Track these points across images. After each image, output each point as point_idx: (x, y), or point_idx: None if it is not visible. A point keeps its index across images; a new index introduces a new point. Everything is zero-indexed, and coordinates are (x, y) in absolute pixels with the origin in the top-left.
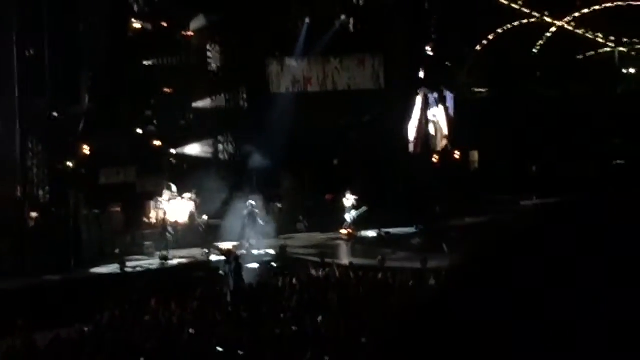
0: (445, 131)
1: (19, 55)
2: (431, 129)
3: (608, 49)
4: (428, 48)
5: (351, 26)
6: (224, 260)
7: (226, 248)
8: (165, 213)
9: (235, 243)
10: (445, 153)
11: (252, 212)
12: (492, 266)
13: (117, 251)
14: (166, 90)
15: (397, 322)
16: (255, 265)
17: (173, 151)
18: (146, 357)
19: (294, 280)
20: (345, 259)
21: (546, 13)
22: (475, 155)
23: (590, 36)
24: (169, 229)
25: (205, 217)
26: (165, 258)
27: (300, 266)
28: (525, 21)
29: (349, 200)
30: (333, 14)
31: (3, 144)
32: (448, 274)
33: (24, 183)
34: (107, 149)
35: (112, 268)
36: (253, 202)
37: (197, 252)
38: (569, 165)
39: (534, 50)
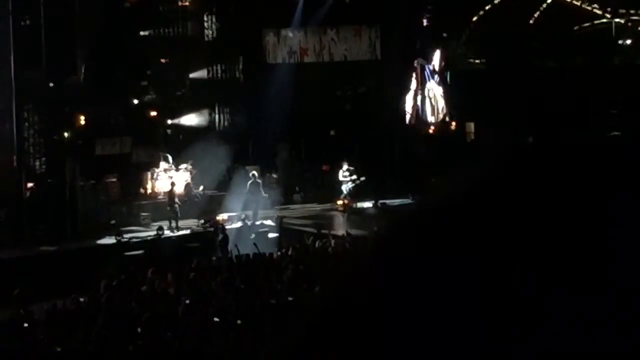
0: (442, 103)
1: (14, 25)
2: (427, 101)
3: (605, 20)
4: (424, 19)
5: None
6: (212, 231)
7: (214, 219)
8: (173, 184)
9: (230, 214)
10: (442, 124)
11: (254, 183)
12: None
13: (113, 222)
14: (162, 60)
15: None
16: (252, 236)
17: (169, 122)
18: (143, 328)
19: (290, 251)
20: (341, 230)
21: None
22: (471, 126)
23: (587, 7)
24: (177, 200)
25: (201, 187)
26: (162, 229)
27: (296, 237)
28: None
29: (345, 171)
30: None
31: None
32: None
33: (20, 153)
34: (103, 120)
35: (109, 239)
36: (255, 173)
37: (192, 223)
38: (566, 136)
39: (531, 21)
